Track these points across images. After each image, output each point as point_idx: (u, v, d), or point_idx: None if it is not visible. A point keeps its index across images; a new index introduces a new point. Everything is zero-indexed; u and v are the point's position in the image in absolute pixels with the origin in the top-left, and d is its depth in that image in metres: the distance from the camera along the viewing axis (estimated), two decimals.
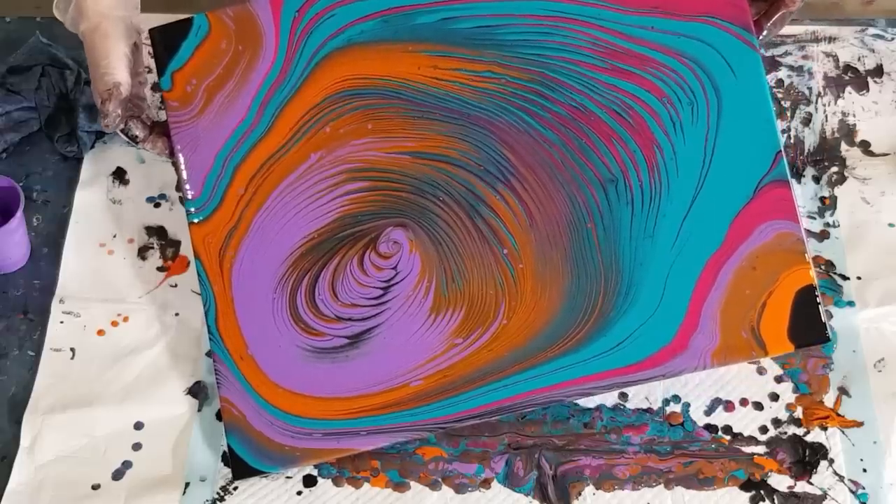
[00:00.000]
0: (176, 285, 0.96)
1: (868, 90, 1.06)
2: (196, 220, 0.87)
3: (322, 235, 0.87)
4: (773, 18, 0.86)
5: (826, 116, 1.04)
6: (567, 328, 0.84)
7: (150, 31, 0.89)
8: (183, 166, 0.88)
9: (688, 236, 0.83)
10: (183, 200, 0.93)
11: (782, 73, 1.07)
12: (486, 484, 0.86)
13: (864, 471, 0.85)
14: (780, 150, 0.83)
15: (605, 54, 0.85)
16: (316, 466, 0.87)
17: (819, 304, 0.82)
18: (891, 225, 0.97)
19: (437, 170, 0.86)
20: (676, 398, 0.89)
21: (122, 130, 0.86)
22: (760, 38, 0.85)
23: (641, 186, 0.84)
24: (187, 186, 0.88)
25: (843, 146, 1.03)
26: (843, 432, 0.87)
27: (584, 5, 0.85)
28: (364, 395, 0.85)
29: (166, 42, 0.88)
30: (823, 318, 0.82)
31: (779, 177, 0.83)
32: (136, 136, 0.87)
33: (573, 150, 0.85)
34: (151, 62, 0.91)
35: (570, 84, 0.85)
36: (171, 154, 0.88)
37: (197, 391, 0.90)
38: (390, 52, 0.87)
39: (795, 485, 0.85)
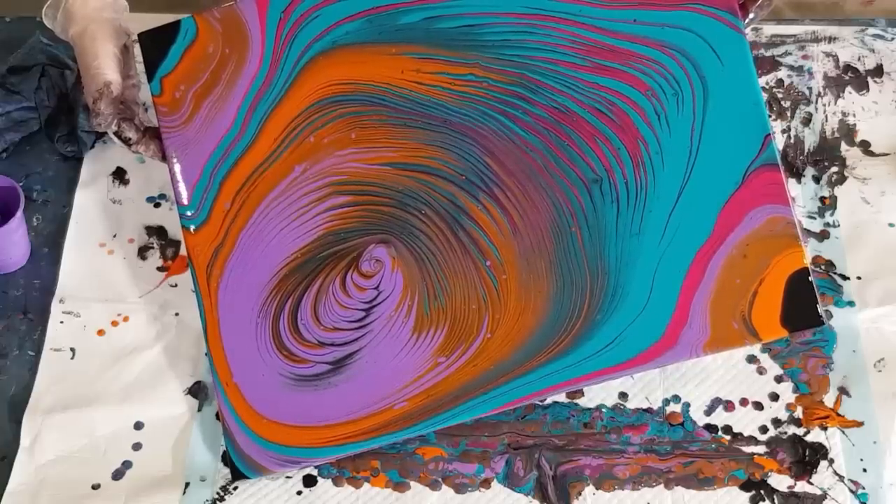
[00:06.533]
0: (176, 285, 0.96)
1: (868, 90, 1.06)
2: (188, 227, 0.87)
3: (305, 255, 0.86)
4: (760, 0, 0.85)
5: (826, 116, 1.04)
6: (553, 335, 0.83)
7: (139, 35, 0.89)
8: (173, 173, 0.88)
9: (675, 230, 0.83)
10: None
11: (782, 73, 1.07)
12: (486, 484, 0.86)
13: (864, 471, 0.85)
14: (769, 134, 0.82)
15: (586, 52, 0.84)
16: (316, 466, 0.87)
17: (813, 286, 0.81)
18: (891, 225, 0.97)
19: (419, 181, 0.85)
20: (676, 398, 0.89)
21: (114, 133, 0.86)
22: (747, 21, 0.85)
23: (627, 184, 0.83)
24: (178, 192, 0.87)
25: (843, 146, 1.02)
26: (843, 432, 0.87)
27: (566, 2, 0.84)
28: (348, 421, 0.84)
29: (155, 46, 0.88)
30: (818, 301, 0.81)
31: (768, 161, 0.82)
32: (129, 139, 0.87)
33: (556, 153, 0.84)
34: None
35: (551, 85, 0.85)
36: (164, 158, 0.88)
37: (197, 391, 0.90)
38: (375, 54, 0.86)
39: (795, 485, 0.85)
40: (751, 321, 0.82)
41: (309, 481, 0.86)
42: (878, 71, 1.07)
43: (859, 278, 0.94)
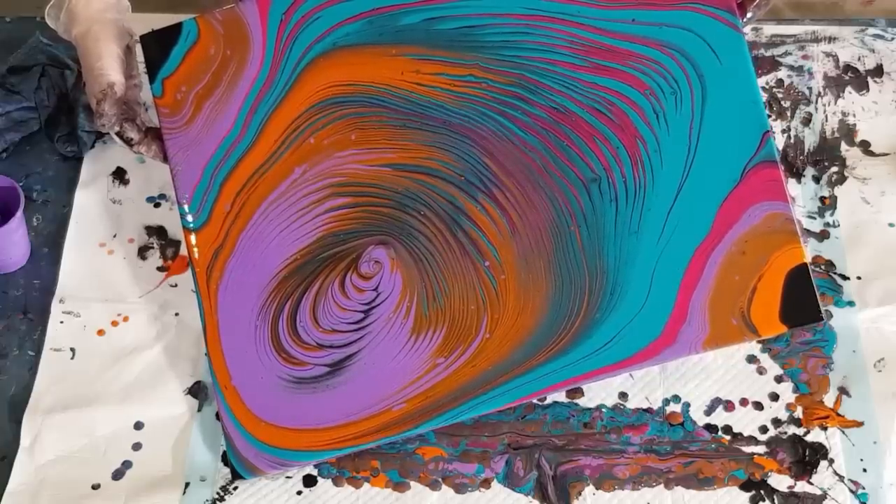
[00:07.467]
0: (176, 285, 0.96)
1: (868, 90, 1.06)
2: (188, 228, 0.87)
3: (304, 256, 0.86)
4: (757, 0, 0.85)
5: (826, 116, 1.04)
6: (552, 335, 0.83)
7: (142, 37, 0.89)
8: (174, 174, 0.88)
9: (674, 228, 0.82)
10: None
11: (782, 73, 1.07)
12: (486, 484, 0.86)
13: (864, 471, 0.85)
14: (768, 130, 0.82)
15: (585, 52, 0.84)
16: (316, 466, 0.87)
17: (812, 282, 0.81)
18: (891, 225, 0.97)
19: (418, 182, 0.85)
20: (676, 398, 0.89)
21: (116, 133, 0.86)
22: (745, 20, 0.85)
23: (625, 182, 0.83)
24: (179, 194, 0.87)
25: (843, 146, 1.03)
26: (843, 432, 0.87)
27: (565, 3, 0.84)
28: (346, 423, 0.84)
29: (157, 48, 0.88)
30: (817, 297, 0.81)
31: (767, 157, 0.82)
32: (131, 139, 0.87)
33: (554, 153, 0.84)
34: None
35: (549, 85, 0.85)
36: (165, 158, 0.88)
37: (197, 391, 0.90)
38: (375, 56, 0.86)
39: (795, 485, 0.85)
40: (750, 318, 0.82)
41: (309, 481, 0.86)
42: (878, 71, 1.07)
43: (859, 278, 0.94)
